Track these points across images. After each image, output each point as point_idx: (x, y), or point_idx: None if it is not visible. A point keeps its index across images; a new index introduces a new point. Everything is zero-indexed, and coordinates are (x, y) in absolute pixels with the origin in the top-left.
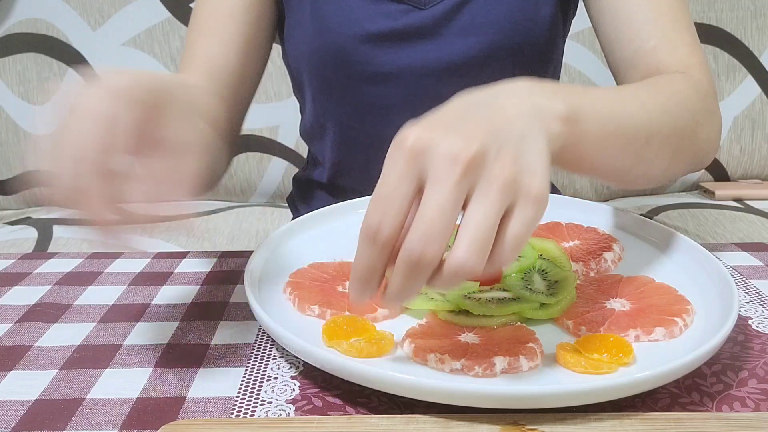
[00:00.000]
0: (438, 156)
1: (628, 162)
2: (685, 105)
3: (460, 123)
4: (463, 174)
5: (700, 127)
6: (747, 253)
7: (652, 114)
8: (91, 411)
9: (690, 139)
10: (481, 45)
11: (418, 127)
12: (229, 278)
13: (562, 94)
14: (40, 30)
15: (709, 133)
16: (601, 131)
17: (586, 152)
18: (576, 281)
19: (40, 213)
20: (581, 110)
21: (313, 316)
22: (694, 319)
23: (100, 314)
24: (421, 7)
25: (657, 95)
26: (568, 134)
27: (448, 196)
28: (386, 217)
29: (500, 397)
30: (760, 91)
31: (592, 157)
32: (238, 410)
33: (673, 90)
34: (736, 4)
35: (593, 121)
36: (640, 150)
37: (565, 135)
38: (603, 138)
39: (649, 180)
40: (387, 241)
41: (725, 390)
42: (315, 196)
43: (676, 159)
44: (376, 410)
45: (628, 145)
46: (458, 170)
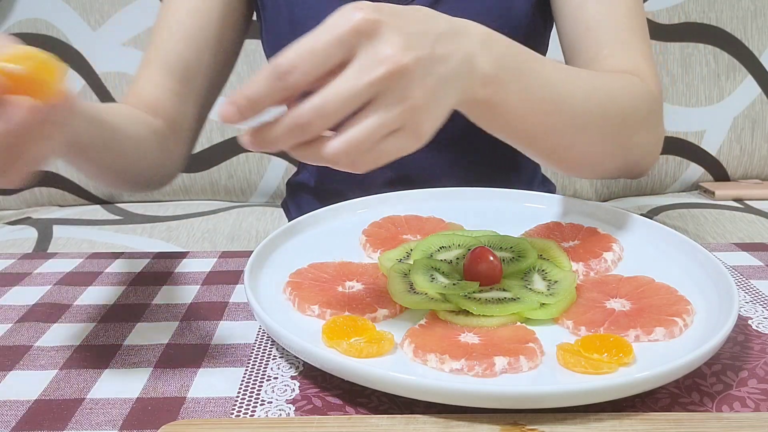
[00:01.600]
0: (374, 49)
1: (549, 137)
2: (626, 103)
3: (411, 26)
4: (382, 78)
5: (637, 131)
6: (747, 253)
7: (589, 101)
8: (91, 411)
9: (623, 137)
10: None
11: (374, 9)
12: (229, 278)
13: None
14: (40, 30)
15: (647, 140)
16: (523, 102)
17: (501, 115)
18: (576, 281)
19: (40, 213)
20: (509, 76)
21: (313, 316)
22: (694, 319)
23: (100, 314)
24: None
25: (600, 85)
26: (487, 96)
27: (358, 89)
28: (303, 65)
29: (500, 397)
30: (760, 91)
31: (507, 121)
32: (238, 410)
33: (619, 86)
34: (736, 4)
35: (517, 90)
36: (563, 129)
37: (482, 97)
38: (522, 108)
39: (570, 165)
40: (290, 85)
41: (725, 390)
42: (304, 201)
43: (603, 153)
44: (376, 410)
45: (549, 120)
46: (380, 72)
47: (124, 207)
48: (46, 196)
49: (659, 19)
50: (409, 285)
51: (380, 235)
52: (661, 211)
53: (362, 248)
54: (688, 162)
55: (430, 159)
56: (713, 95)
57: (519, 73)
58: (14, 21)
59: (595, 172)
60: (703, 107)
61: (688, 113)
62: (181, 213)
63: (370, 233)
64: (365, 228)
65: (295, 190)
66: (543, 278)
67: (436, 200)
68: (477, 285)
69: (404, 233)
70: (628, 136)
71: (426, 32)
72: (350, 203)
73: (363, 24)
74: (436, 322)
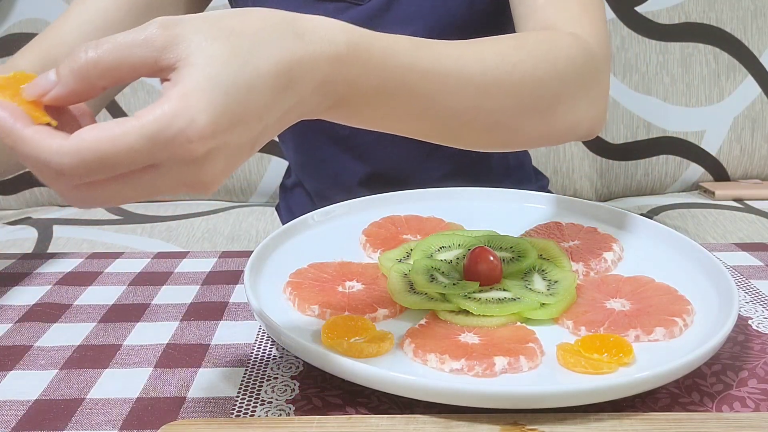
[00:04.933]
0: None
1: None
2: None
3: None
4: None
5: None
6: (747, 253)
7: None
8: (91, 411)
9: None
10: (422, 31)
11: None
12: (229, 278)
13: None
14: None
15: (585, 101)
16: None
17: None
18: (576, 281)
19: (40, 213)
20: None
21: (313, 316)
22: (694, 319)
23: (100, 314)
24: (359, 3)
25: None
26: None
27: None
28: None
29: (500, 397)
30: (760, 91)
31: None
32: (238, 410)
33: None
34: (736, 4)
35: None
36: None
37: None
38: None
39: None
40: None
41: (725, 390)
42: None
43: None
44: (376, 410)
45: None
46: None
47: (124, 207)
48: (46, 196)
49: (659, 19)
50: (409, 285)
51: (380, 235)
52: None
53: (362, 248)
54: (688, 162)
55: (403, 153)
56: (713, 95)
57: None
58: (14, 21)
59: (517, 145)
60: (703, 107)
61: (688, 113)
62: (181, 213)
63: (370, 233)
64: (365, 228)
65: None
66: (543, 278)
67: (436, 200)
68: (477, 285)
69: (404, 233)
70: (558, 104)
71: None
72: (350, 203)
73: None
74: (436, 322)
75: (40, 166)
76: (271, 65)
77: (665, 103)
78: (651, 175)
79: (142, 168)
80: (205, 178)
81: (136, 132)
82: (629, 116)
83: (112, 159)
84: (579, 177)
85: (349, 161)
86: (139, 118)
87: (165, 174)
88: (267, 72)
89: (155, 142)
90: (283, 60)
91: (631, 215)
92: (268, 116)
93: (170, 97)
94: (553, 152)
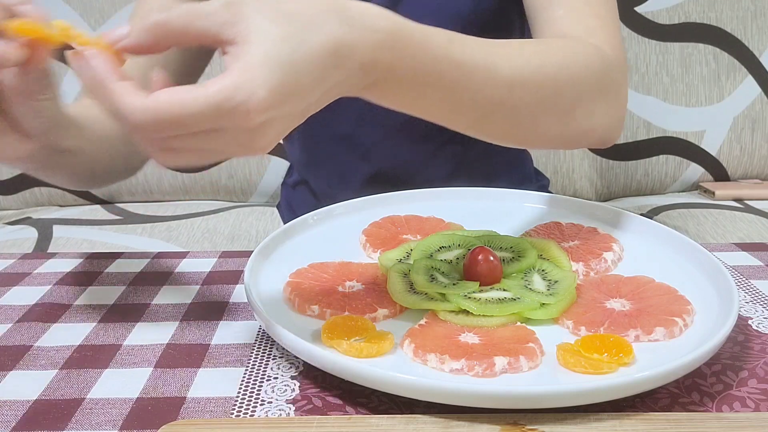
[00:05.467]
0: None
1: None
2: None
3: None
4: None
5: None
6: (747, 253)
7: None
8: (91, 411)
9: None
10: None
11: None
12: (229, 278)
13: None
14: None
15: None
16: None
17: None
18: (576, 281)
19: (40, 213)
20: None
21: (313, 316)
22: (694, 319)
23: (100, 314)
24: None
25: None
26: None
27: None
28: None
29: (500, 397)
30: (760, 91)
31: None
32: (238, 410)
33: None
34: (736, 4)
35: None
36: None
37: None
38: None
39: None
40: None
41: (725, 390)
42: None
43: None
44: (376, 410)
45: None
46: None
47: (124, 207)
48: (46, 196)
49: (659, 19)
50: (409, 285)
51: (380, 235)
52: (661, 211)
53: (362, 248)
54: (688, 162)
55: (407, 153)
56: (713, 95)
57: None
58: None
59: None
60: (703, 107)
61: (688, 113)
62: (181, 213)
63: (370, 233)
64: (365, 228)
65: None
66: (543, 278)
67: (436, 200)
68: (477, 285)
69: (404, 233)
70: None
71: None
72: (350, 203)
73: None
74: (436, 322)
75: (121, 117)
76: (321, 46)
77: (665, 103)
78: (651, 175)
79: (206, 131)
80: (260, 143)
81: (202, 100)
82: (629, 116)
83: (180, 120)
84: (579, 177)
85: (355, 160)
86: (206, 88)
87: (225, 137)
88: (318, 52)
89: (219, 111)
90: (332, 42)
91: (631, 215)
92: (317, 90)
93: (233, 71)
94: (553, 152)
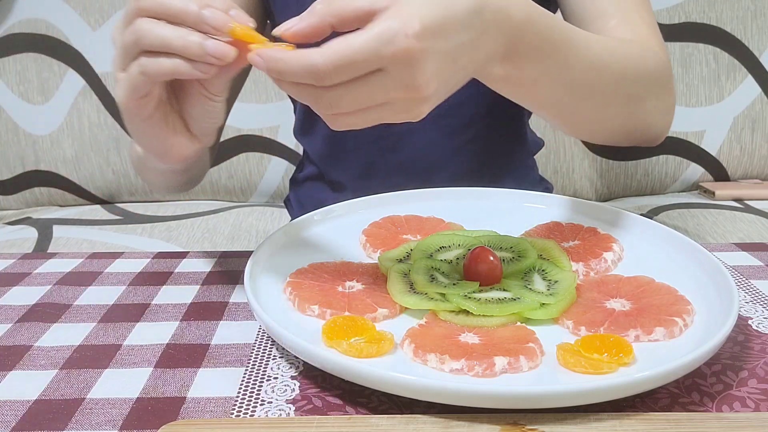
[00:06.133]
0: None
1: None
2: (640, 70)
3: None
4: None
5: (649, 97)
6: (747, 253)
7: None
8: (91, 411)
9: (635, 103)
10: None
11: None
12: (229, 278)
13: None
14: (40, 30)
15: (658, 106)
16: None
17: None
18: (576, 281)
19: (40, 213)
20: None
21: (313, 316)
22: (694, 319)
23: (100, 314)
24: None
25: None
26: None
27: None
28: (338, 76)
29: (500, 397)
30: (760, 91)
31: (519, 91)
32: (238, 410)
33: (635, 52)
34: (736, 4)
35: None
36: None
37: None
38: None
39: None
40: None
41: (725, 390)
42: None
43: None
44: (376, 410)
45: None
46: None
47: (124, 207)
48: (46, 196)
49: (659, 19)
50: (409, 285)
51: (380, 235)
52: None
53: (362, 248)
54: (688, 162)
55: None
56: (713, 95)
57: (540, 54)
58: (14, 21)
59: (604, 136)
60: (703, 107)
61: (688, 113)
62: (181, 213)
63: (370, 233)
64: (365, 228)
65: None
66: (543, 278)
67: (436, 200)
68: (477, 285)
69: (404, 233)
70: (640, 101)
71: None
72: (350, 203)
73: (405, 54)
74: (436, 322)
75: (303, 73)
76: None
77: None
78: (651, 175)
79: (372, 72)
80: (421, 79)
81: (366, 34)
82: None
83: (351, 57)
84: (579, 177)
85: (383, 151)
86: (367, 28)
87: (389, 77)
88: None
89: (381, 39)
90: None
91: (631, 215)
92: (464, 34)
93: (388, 8)
94: (553, 152)
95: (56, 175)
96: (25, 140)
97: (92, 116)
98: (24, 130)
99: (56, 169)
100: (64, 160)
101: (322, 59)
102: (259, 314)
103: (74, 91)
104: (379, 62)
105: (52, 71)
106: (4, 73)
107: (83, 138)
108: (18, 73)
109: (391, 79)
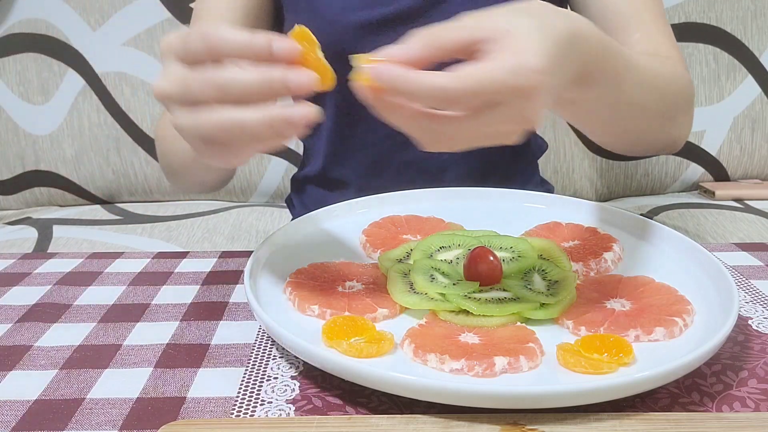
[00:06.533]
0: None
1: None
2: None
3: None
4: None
5: (681, 111)
6: (747, 253)
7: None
8: (91, 411)
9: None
10: None
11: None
12: (229, 278)
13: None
14: (40, 30)
15: (687, 119)
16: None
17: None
18: (576, 281)
19: (40, 213)
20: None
21: (313, 316)
22: (694, 319)
23: (100, 314)
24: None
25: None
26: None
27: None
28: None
29: (500, 397)
30: (760, 91)
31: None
32: (238, 410)
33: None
34: (736, 4)
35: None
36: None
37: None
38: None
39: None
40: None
41: (725, 390)
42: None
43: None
44: (376, 410)
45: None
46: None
47: (124, 207)
48: (46, 196)
49: None
50: (409, 285)
51: (380, 235)
52: (661, 211)
53: (362, 248)
54: (688, 162)
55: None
56: (713, 95)
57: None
58: (14, 21)
59: (639, 148)
60: (703, 107)
61: None
62: (181, 213)
63: (370, 233)
64: (365, 228)
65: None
66: (543, 278)
67: (436, 200)
68: (477, 285)
69: (404, 233)
70: (675, 116)
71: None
72: (350, 203)
73: (531, 89)
74: (436, 322)
75: (428, 94)
76: (564, 29)
77: None
78: (651, 175)
79: (494, 104)
80: (532, 112)
81: (499, 65)
82: None
83: (486, 86)
84: (579, 177)
85: (392, 148)
86: (497, 60)
87: (509, 109)
88: (565, 34)
89: (512, 72)
90: (571, 29)
91: (631, 215)
92: (568, 67)
93: (496, 40)
94: (553, 153)
95: (56, 175)
96: (25, 140)
97: (92, 116)
98: (24, 130)
99: (56, 169)
100: (64, 160)
101: (455, 83)
102: (259, 314)
103: (74, 91)
104: (504, 94)
105: (52, 71)
106: (4, 73)
107: (83, 138)
108: (18, 73)
109: (510, 111)
